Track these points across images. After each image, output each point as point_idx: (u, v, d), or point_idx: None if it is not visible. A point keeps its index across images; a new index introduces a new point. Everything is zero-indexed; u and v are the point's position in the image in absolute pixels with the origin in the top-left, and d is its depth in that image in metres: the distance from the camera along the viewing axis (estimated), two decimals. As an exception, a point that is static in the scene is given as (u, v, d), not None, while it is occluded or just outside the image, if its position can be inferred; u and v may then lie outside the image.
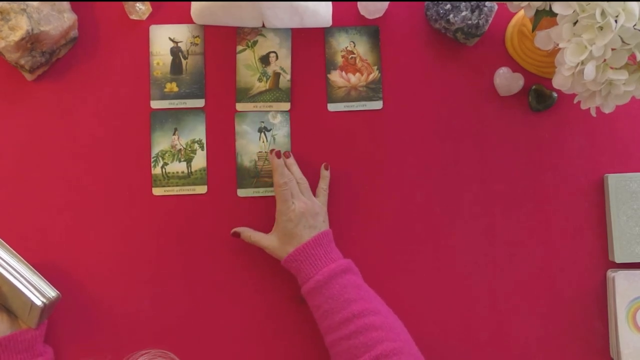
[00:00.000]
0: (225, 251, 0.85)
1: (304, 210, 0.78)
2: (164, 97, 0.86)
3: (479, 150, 0.87)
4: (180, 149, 0.85)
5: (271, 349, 0.84)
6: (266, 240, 0.80)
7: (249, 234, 0.82)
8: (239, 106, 0.86)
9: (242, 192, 0.85)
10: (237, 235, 0.82)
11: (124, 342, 0.83)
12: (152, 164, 0.85)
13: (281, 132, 0.86)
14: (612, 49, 0.62)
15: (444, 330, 0.84)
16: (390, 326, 0.72)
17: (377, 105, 0.87)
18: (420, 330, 0.84)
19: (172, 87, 0.86)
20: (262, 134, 0.86)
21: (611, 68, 0.65)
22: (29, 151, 0.85)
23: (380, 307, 0.75)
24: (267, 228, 0.82)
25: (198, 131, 0.86)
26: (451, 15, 0.83)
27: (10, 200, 0.84)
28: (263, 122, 0.86)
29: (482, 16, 0.82)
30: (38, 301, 0.74)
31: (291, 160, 0.83)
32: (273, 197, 0.83)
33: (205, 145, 0.86)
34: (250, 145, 0.86)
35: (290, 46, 0.87)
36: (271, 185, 0.85)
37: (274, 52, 0.87)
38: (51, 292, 0.75)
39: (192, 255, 0.84)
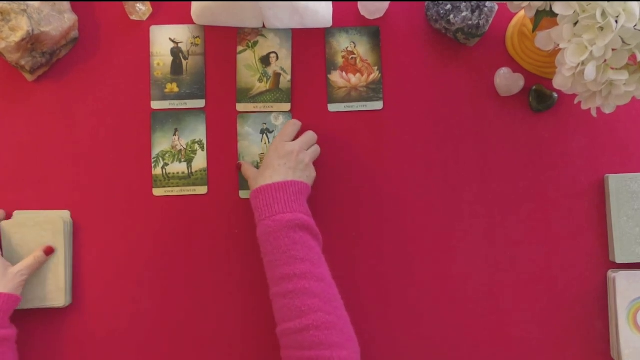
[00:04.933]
0: (225, 251, 0.85)
1: (297, 150, 0.77)
2: (165, 97, 0.86)
3: (479, 150, 0.87)
4: (181, 150, 0.85)
5: (271, 349, 0.83)
6: (251, 171, 0.80)
7: (246, 167, 0.82)
8: (240, 107, 0.86)
9: (244, 194, 0.85)
10: (239, 167, 0.84)
11: (123, 342, 0.83)
12: (153, 165, 0.85)
13: None
14: (613, 50, 0.62)
15: (444, 330, 0.84)
16: (328, 297, 0.69)
17: (378, 105, 0.87)
18: (421, 330, 0.84)
19: (172, 87, 0.86)
20: (265, 135, 0.86)
21: (612, 68, 0.65)
22: (30, 151, 0.85)
23: (326, 275, 0.71)
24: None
25: (198, 132, 0.86)
26: (452, 16, 0.83)
27: (11, 200, 0.84)
28: (265, 123, 0.86)
29: (482, 16, 0.82)
30: (66, 302, 0.81)
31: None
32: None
33: (205, 146, 0.86)
34: (253, 147, 0.85)
35: (291, 47, 0.87)
36: None
37: (275, 52, 0.87)
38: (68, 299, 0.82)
39: (192, 255, 0.84)
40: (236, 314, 0.84)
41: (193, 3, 0.86)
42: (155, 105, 0.86)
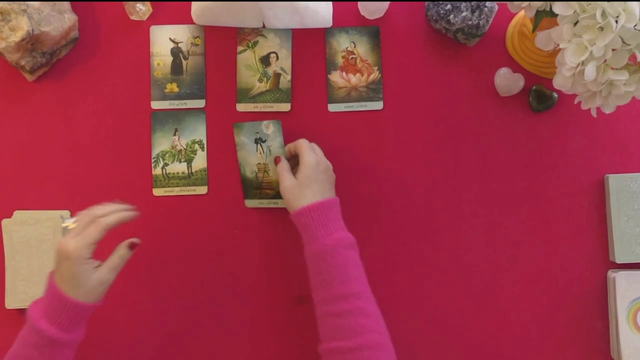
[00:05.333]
0: (225, 251, 0.85)
1: (330, 166, 0.78)
2: (165, 97, 0.86)
3: (479, 150, 0.87)
4: (181, 150, 0.85)
5: (271, 349, 0.84)
6: (288, 179, 0.75)
7: (283, 165, 0.78)
8: (240, 107, 0.86)
9: (249, 203, 0.84)
10: (277, 161, 0.79)
11: (122, 342, 0.83)
12: (153, 165, 0.85)
13: (275, 142, 0.83)
14: (613, 50, 0.62)
15: (444, 329, 0.84)
16: (378, 317, 0.70)
17: (378, 105, 0.87)
18: (421, 330, 0.84)
19: (172, 87, 0.86)
20: (259, 145, 0.84)
21: (612, 68, 0.65)
22: (29, 151, 0.85)
23: (372, 294, 0.72)
24: (268, 232, 0.82)
25: (198, 132, 0.86)
26: (451, 16, 0.83)
27: (11, 200, 0.84)
28: (258, 132, 0.84)
29: (482, 16, 0.82)
30: None
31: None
32: (277, 208, 0.83)
33: (205, 146, 0.86)
34: (250, 157, 0.84)
35: (291, 47, 0.87)
36: (273, 197, 0.84)
37: (275, 52, 0.87)
38: None
39: (192, 255, 0.84)
40: (236, 313, 0.84)
41: (193, 3, 0.86)
42: (155, 105, 0.86)
